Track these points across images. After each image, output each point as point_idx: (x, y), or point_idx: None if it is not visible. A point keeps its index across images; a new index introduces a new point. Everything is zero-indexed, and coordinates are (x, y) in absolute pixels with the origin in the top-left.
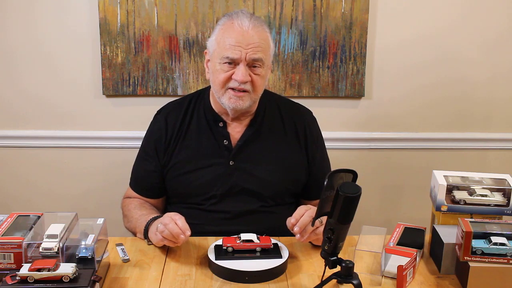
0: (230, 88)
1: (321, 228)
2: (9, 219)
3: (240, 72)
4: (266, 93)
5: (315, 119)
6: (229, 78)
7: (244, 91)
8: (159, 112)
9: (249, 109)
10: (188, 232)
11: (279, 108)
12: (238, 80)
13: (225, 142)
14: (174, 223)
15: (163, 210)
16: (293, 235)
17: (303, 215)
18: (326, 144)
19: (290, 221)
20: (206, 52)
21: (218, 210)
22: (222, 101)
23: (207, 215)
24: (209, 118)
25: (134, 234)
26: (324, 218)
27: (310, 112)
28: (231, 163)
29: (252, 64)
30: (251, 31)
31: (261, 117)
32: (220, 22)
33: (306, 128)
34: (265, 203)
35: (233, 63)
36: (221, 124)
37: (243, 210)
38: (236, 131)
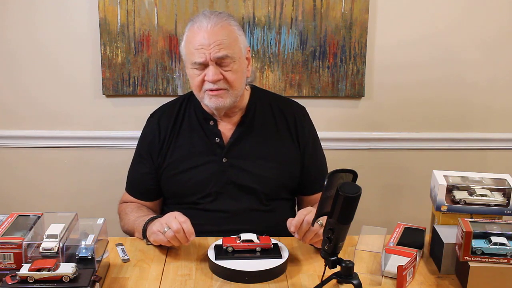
0: (207, 90)
1: (322, 230)
2: (9, 219)
3: (210, 73)
4: (257, 90)
5: (306, 113)
6: (203, 81)
7: (221, 89)
8: (152, 115)
9: (234, 105)
10: (193, 237)
11: (271, 105)
12: (209, 81)
13: (217, 139)
14: (182, 229)
15: (160, 213)
16: (292, 234)
17: (302, 221)
18: (326, 144)
19: (290, 227)
20: (183, 59)
21: (215, 209)
22: (205, 103)
23: (204, 215)
24: (199, 117)
25: (132, 235)
26: (324, 219)
27: (302, 107)
28: (224, 160)
29: (220, 62)
30: (211, 30)
31: (252, 114)
32: (186, 28)
33: (297, 121)
34: (261, 199)
35: (203, 65)
36: (211, 123)
37: (240, 208)
38: (227, 128)
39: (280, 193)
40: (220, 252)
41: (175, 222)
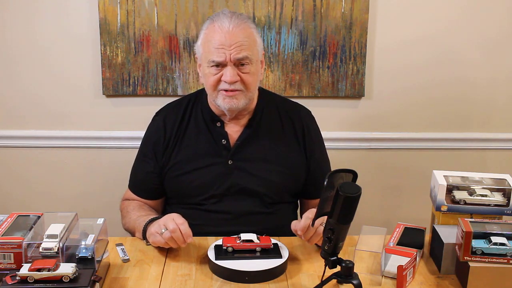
0: (222, 90)
1: (321, 228)
2: (9, 219)
3: (228, 73)
4: (266, 93)
5: (313, 117)
6: (219, 80)
7: (236, 90)
8: (157, 113)
9: (246, 107)
10: (190, 239)
11: (278, 108)
12: (227, 81)
13: (224, 141)
14: (179, 229)
15: (162, 212)
16: (293, 235)
17: (308, 226)
18: (326, 144)
19: (296, 231)
20: (197, 57)
21: (218, 210)
22: (217, 103)
23: (207, 216)
24: (206, 118)
25: (133, 234)
26: (324, 218)
27: (308, 111)
28: (229, 163)
29: (239, 63)
30: (232, 31)
31: (259, 117)
32: (203, 26)
33: (304, 126)
34: (265, 202)
35: (220, 65)
36: (218, 124)
37: (243, 210)
38: (234, 130)
39: (284, 196)
40: (220, 252)
41: (172, 223)
